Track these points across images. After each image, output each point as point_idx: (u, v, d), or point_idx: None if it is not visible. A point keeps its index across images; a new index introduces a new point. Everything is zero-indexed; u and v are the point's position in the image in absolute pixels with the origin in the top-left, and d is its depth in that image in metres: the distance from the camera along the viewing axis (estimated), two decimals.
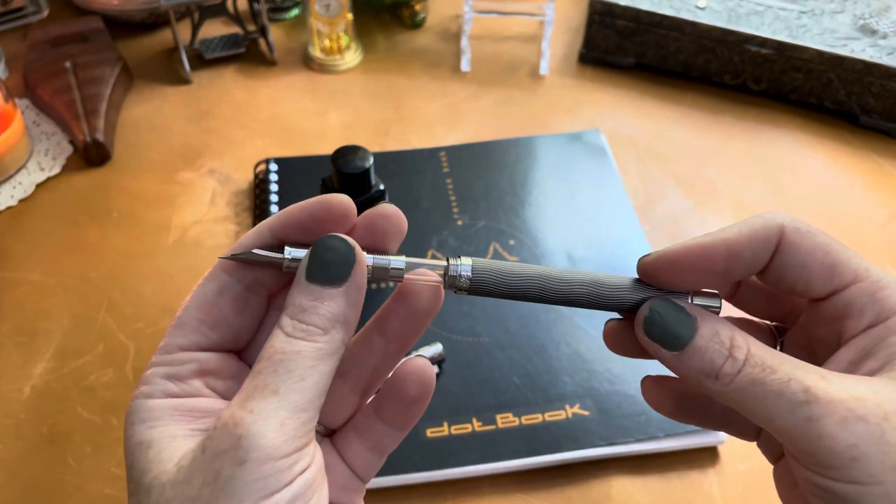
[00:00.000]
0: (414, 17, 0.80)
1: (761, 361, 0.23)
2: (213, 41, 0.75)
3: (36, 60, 0.69)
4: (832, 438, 0.21)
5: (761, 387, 0.22)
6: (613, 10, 0.71)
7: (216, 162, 0.65)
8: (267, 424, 0.20)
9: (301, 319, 0.22)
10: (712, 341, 0.24)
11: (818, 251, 0.25)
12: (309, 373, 0.22)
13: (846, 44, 0.67)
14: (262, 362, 0.22)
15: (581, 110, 0.71)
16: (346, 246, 0.24)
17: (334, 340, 0.23)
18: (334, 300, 0.23)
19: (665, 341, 0.24)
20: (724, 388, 0.23)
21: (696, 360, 0.24)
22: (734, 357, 0.23)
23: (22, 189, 0.62)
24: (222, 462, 0.20)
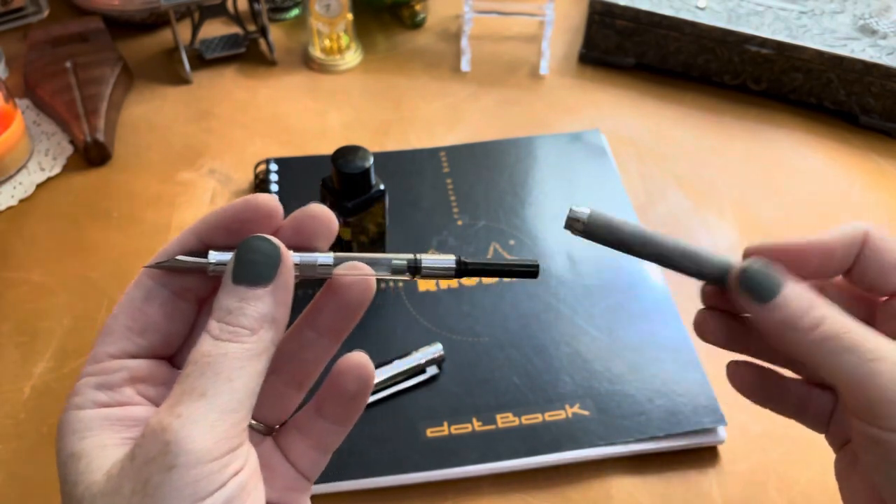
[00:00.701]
0: (414, 17, 0.80)
1: (840, 319, 0.26)
2: (213, 41, 0.75)
3: (36, 60, 0.69)
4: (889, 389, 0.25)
5: (837, 341, 0.26)
6: (613, 10, 0.71)
7: (216, 162, 0.65)
8: (195, 428, 0.20)
9: (228, 322, 0.22)
10: (798, 297, 0.27)
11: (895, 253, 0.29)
12: (237, 374, 0.22)
13: (846, 44, 0.67)
14: (189, 366, 0.22)
15: (581, 110, 0.71)
16: (270, 246, 0.23)
17: (263, 340, 0.22)
18: (261, 300, 0.23)
19: (758, 292, 0.27)
20: (803, 338, 0.26)
21: (783, 311, 0.27)
22: (812, 315, 0.26)
23: (22, 189, 0.62)
24: (151, 469, 0.20)
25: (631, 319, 0.52)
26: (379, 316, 0.52)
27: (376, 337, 0.51)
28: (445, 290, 0.54)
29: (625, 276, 0.55)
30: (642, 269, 0.56)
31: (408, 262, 0.26)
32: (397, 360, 0.48)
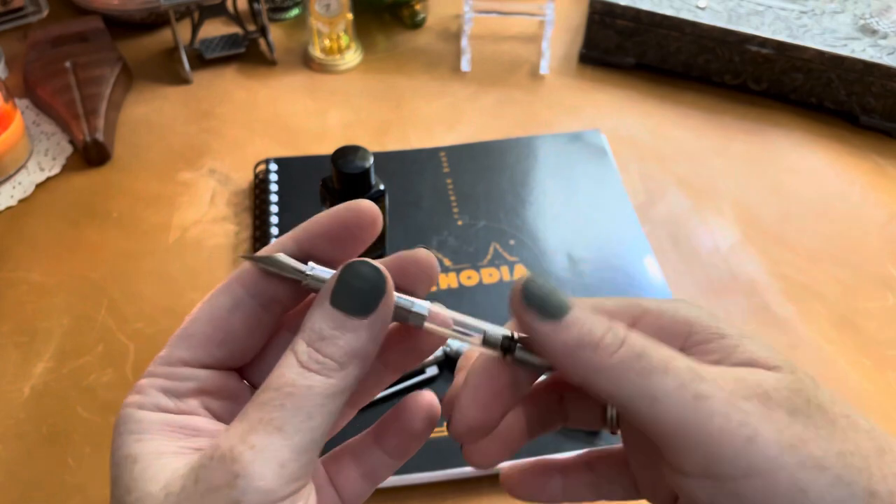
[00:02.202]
0: (414, 17, 0.80)
1: (643, 338, 0.22)
2: (213, 41, 0.75)
3: (36, 60, 0.69)
4: (725, 416, 0.20)
5: (647, 360, 0.21)
6: (613, 9, 0.71)
7: (216, 162, 0.65)
8: (267, 465, 0.19)
9: (318, 349, 0.21)
10: (592, 314, 0.22)
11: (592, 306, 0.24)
12: (318, 411, 0.20)
13: (846, 44, 0.67)
14: (270, 392, 0.20)
15: (581, 110, 0.71)
16: (377, 275, 0.22)
17: (348, 377, 0.21)
18: (357, 332, 0.21)
19: (546, 308, 0.22)
20: (604, 362, 0.21)
21: (575, 330, 0.22)
22: (616, 330, 0.22)
23: (22, 189, 0.62)
24: (215, 499, 0.19)
25: None
26: None
27: None
28: (445, 290, 0.54)
29: (625, 277, 0.55)
30: (642, 269, 0.56)
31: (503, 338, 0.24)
32: None
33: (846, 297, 0.55)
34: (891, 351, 0.52)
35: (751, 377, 0.21)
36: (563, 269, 0.55)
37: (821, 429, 0.20)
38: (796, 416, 0.20)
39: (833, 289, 0.56)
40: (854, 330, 0.53)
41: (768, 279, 0.56)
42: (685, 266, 0.57)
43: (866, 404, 0.49)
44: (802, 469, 0.19)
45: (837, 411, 0.21)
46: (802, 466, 0.19)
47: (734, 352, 0.22)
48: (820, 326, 0.53)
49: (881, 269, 0.57)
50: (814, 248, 0.59)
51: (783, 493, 0.19)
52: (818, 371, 0.51)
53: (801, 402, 0.21)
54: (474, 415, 0.23)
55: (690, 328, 0.23)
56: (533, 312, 0.22)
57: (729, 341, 0.23)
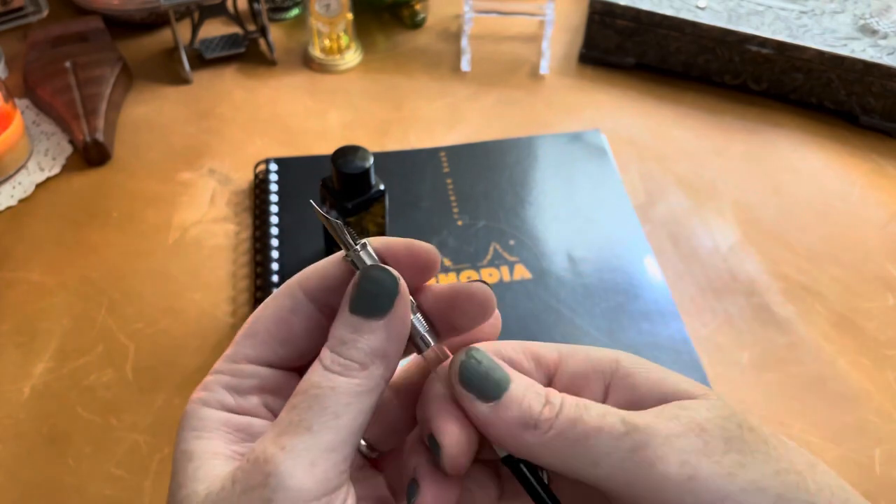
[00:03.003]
0: (414, 17, 0.80)
1: (576, 402, 0.22)
2: (213, 41, 0.75)
3: (36, 60, 0.69)
4: (663, 460, 0.20)
5: (580, 425, 0.21)
6: (613, 9, 0.71)
7: (216, 162, 0.65)
8: (297, 464, 0.20)
9: (340, 353, 0.22)
10: (529, 389, 0.22)
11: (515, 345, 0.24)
12: (344, 410, 0.21)
13: (846, 44, 0.67)
14: (298, 396, 0.21)
15: (581, 110, 0.71)
16: (388, 276, 0.23)
17: (373, 377, 0.22)
18: (375, 333, 0.22)
19: (483, 390, 0.22)
20: (542, 439, 0.21)
21: (515, 409, 0.22)
22: (551, 402, 0.22)
23: (22, 189, 0.62)
24: (249, 499, 0.20)
25: (631, 319, 0.52)
26: None
27: None
28: None
29: (625, 277, 0.55)
30: (642, 269, 0.56)
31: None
32: None
33: (846, 297, 0.55)
34: (890, 351, 0.52)
35: (684, 413, 0.21)
36: (563, 269, 0.55)
37: (756, 452, 0.21)
38: (731, 443, 0.21)
39: (833, 289, 0.56)
40: (854, 330, 0.53)
41: (768, 279, 0.56)
42: (685, 266, 0.57)
43: (866, 404, 0.49)
44: (745, 494, 0.20)
45: (766, 432, 0.22)
46: (744, 491, 0.20)
47: (662, 384, 0.23)
48: (820, 326, 0.53)
49: (881, 270, 0.57)
50: (814, 248, 0.59)
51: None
52: (818, 371, 0.51)
53: (734, 427, 0.21)
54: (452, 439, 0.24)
55: (617, 363, 0.23)
56: (470, 394, 0.22)
57: (655, 374, 0.23)
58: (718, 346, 0.52)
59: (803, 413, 0.48)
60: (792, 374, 0.51)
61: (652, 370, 0.23)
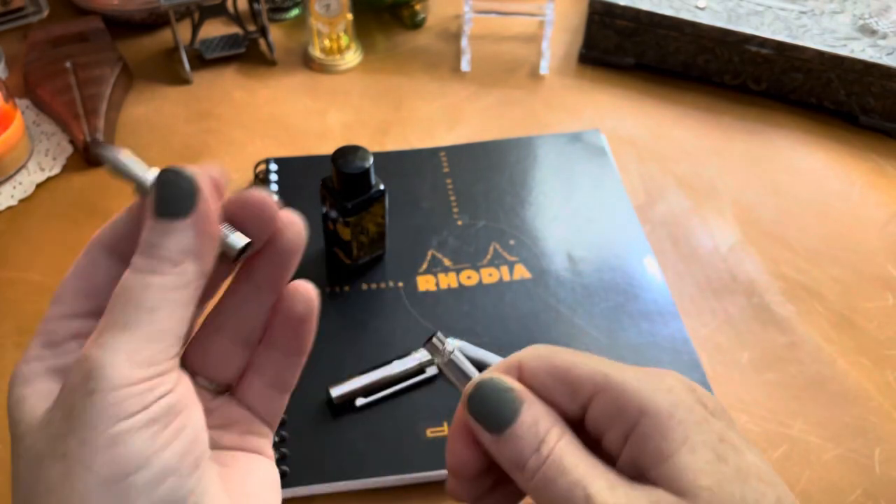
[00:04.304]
0: (414, 18, 0.80)
1: (559, 460, 0.22)
2: (213, 41, 0.75)
3: (36, 60, 0.69)
4: None
5: (553, 488, 0.22)
6: (613, 10, 0.71)
7: (216, 162, 0.65)
8: (116, 356, 0.21)
9: (150, 254, 0.23)
10: (530, 430, 0.23)
11: (558, 371, 0.24)
12: (161, 304, 0.22)
13: (846, 44, 0.67)
14: (113, 300, 0.22)
15: (581, 110, 0.71)
16: (186, 178, 0.23)
17: (186, 273, 0.23)
18: (182, 233, 0.23)
19: (486, 422, 0.23)
20: (526, 484, 0.22)
21: (510, 449, 0.23)
22: (539, 452, 0.22)
23: (22, 189, 0.62)
24: (74, 395, 0.21)
25: (631, 319, 0.52)
26: (379, 316, 0.52)
27: (376, 337, 0.51)
28: (445, 290, 0.54)
29: (625, 277, 0.55)
30: (642, 269, 0.56)
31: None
32: (397, 360, 0.48)
33: (846, 297, 0.55)
34: (890, 351, 0.52)
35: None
36: (562, 269, 0.55)
37: None
38: None
39: (833, 289, 0.56)
40: (853, 330, 0.53)
41: (768, 279, 0.56)
42: (685, 266, 0.57)
43: (865, 404, 0.49)
44: None
45: None
46: None
47: (664, 463, 0.22)
48: (819, 326, 0.53)
49: (881, 269, 0.57)
50: (814, 248, 0.59)
51: None
52: (818, 371, 0.51)
53: None
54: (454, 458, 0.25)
55: (640, 417, 0.23)
56: (478, 423, 0.23)
57: (667, 446, 0.22)
58: (718, 346, 0.52)
59: (803, 413, 0.48)
60: (792, 373, 0.51)
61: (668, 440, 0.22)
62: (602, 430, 0.23)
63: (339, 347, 0.50)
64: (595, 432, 0.24)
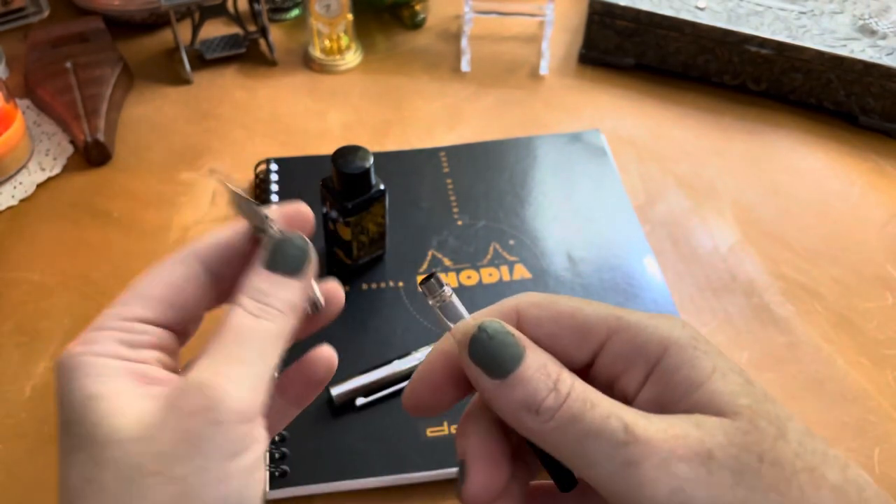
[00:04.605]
0: (414, 18, 0.80)
1: (583, 396, 0.21)
2: (214, 41, 0.75)
3: (37, 61, 0.69)
4: (654, 484, 0.19)
5: (580, 423, 0.20)
6: (613, 10, 0.71)
7: (217, 162, 0.65)
8: (239, 389, 0.22)
9: (262, 301, 0.24)
10: (539, 371, 0.22)
11: (563, 318, 0.23)
12: (269, 350, 0.23)
13: (846, 44, 0.67)
14: (229, 334, 0.23)
15: (581, 110, 0.71)
16: (306, 245, 0.26)
17: (289, 323, 0.25)
18: (292, 289, 0.25)
19: (490, 366, 0.22)
20: (543, 427, 0.21)
21: (519, 391, 0.21)
22: (558, 390, 0.21)
23: (22, 189, 0.62)
24: (195, 421, 0.21)
25: None
26: (379, 316, 0.52)
27: (376, 337, 0.51)
28: None
29: (624, 277, 0.55)
30: (642, 269, 0.56)
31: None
32: (397, 360, 0.48)
33: (845, 297, 0.55)
34: (889, 351, 0.52)
35: (695, 432, 0.20)
36: (562, 269, 0.56)
37: (770, 490, 0.19)
38: (742, 477, 0.19)
39: (832, 289, 0.56)
40: (853, 330, 0.53)
41: (768, 279, 0.57)
42: (685, 266, 0.57)
43: (865, 404, 0.49)
44: None
45: (800, 465, 0.20)
46: None
47: (697, 390, 0.21)
48: (819, 326, 0.53)
49: (880, 270, 0.58)
50: (813, 248, 0.59)
51: None
52: (817, 371, 0.51)
53: (752, 459, 0.19)
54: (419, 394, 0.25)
55: (665, 351, 0.22)
56: (478, 369, 0.22)
57: (698, 374, 0.21)
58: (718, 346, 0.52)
59: (802, 413, 0.48)
60: (791, 373, 0.51)
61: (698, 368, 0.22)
62: (616, 373, 0.23)
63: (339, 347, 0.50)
64: (606, 378, 0.23)
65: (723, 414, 0.20)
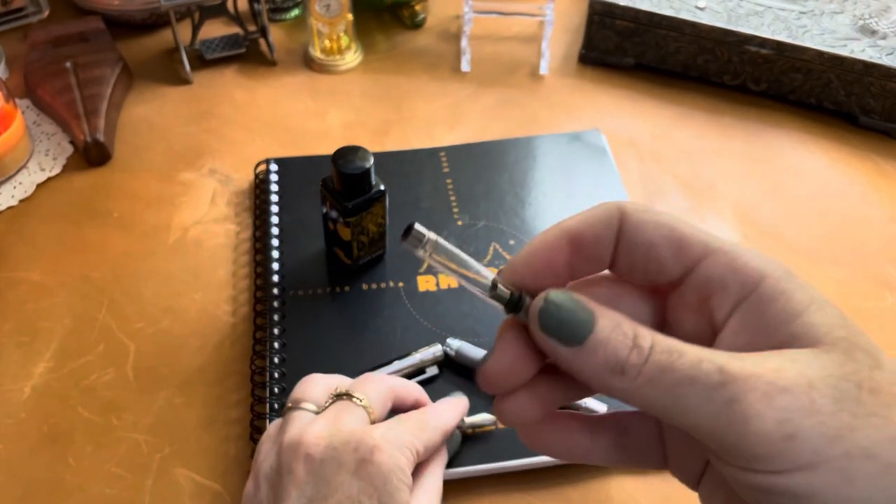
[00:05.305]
0: (414, 18, 0.80)
1: (668, 347, 0.20)
2: (214, 41, 0.75)
3: (36, 61, 0.69)
4: (760, 417, 0.19)
5: (671, 374, 0.20)
6: (613, 10, 0.71)
7: (216, 162, 0.65)
8: None
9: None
10: (615, 332, 0.21)
11: (663, 229, 0.23)
12: None
13: (846, 44, 0.67)
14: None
15: (581, 110, 0.71)
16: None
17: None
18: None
19: (563, 335, 0.21)
20: (631, 385, 0.21)
21: (600, 355, 0.21)
22: (640, 346, 0.21)
23: (22, 189, 0.62)
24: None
25: None
26: (379, 316, 0.52)
27: (376, 337, 0.51)
28: (445, 290, 0.54)
29: None
30: None
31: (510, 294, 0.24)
32: (397, 360, 0.48)
33: (845, 297, 0.55)
34: (890, 351, 0.52)
35: (793, 366, 0.20)
36: None
37: (872, 415, 0.19)
38: (843, 404, 0.19)
39: (832, 289, 0.56)
40: None
41: None
42: None
43: None
44: (848, 459, 0.19)
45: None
46: (848, 457, 0.19)
47: (793, 322, 0.21)
48: None
49: (880, 270, 0.58)
50: (813, 248, 0.59)
51: (829, 484, 0.19)
52: None
53: (851, 387, 0.19)
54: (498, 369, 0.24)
55: (762, 280, 0.22)
56: (552, 340, 0.22)
57: (795, 306, 0.21)
58: None
59: None
60: None
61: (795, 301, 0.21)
62: (707, 294, 0.22)
63: (339, 347, 0.50)
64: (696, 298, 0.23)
65: (819, 345, 0.20)
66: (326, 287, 0.53)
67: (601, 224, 0.23)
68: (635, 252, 0.23)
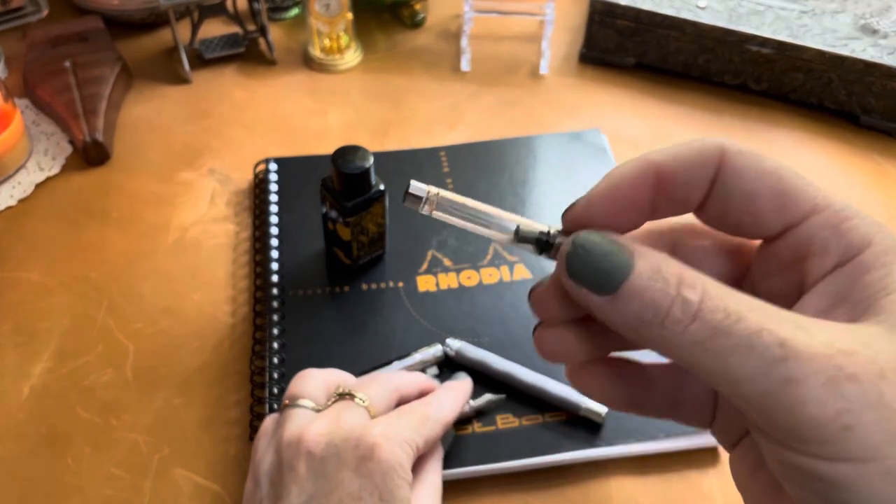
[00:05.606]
0: (414, 17, 0.80)
1: (723, 306, 0.18)
2: (213, 41, 0.75)
3: (35, 60, 0.69)
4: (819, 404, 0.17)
5: (725, 339, 0.18)
6: (614, 9, 0.71)
7: (216, 162, 0.65)
8: None
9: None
10: (653, 279, 0.19)
11: (768, 177, 0.21)
12: None
13: (847, 44, 0.67)
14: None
15: (581, 110, 0.71)
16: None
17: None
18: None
19: (594, 282, 0.19)
20: (673, 340, 0.18)
21: (635, 304, 0.19)
22: (685, 298, 0.18)
23: (21, 189, 0.62)
24: None
25: None
26: (379, 316, 0.52)
27: (376, 337, 0.51)
28: (445, 290, 0.54)
29: None
30: None
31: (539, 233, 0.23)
32: (397, 360, 0.48)
33: None
34: None
35: (865, 351, 0.18)
36: None
37: None
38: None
39: None
40: None
41: None
42: None
43: None
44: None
45: None
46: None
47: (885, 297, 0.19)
48: None
49: None
50: None
51: (874, 482, 0.17)
52: None
53: None
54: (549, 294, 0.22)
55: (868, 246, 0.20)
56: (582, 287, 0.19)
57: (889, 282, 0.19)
58: None
59: None
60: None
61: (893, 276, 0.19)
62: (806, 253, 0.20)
63: (339, 347, 0.50)
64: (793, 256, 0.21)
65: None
66: (326, 287, 0.53)
67: (696, 163, 0.21)
68: (731, 200, 0.20)
